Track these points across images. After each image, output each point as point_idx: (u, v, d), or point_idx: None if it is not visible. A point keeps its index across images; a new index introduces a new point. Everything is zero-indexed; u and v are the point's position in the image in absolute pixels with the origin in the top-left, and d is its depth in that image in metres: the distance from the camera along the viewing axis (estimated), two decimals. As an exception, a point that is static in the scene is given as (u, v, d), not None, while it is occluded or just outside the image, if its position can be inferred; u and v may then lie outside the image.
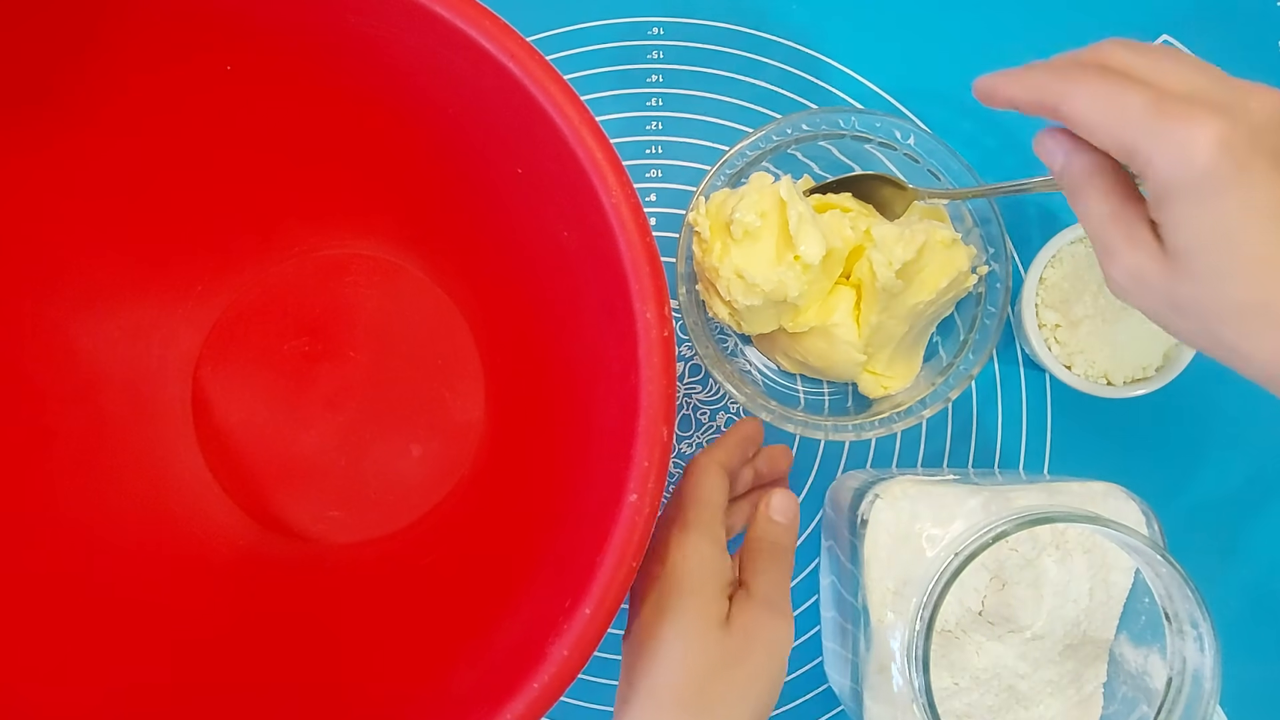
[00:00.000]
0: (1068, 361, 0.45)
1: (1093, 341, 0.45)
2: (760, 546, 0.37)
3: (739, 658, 0.34)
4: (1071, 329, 0.45)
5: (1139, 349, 0.45)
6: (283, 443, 0.46)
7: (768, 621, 0.35)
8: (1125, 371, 0.45)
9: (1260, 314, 0.28)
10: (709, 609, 0.34)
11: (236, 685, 0.38)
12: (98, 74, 0.36)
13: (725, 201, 0.42)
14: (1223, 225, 0.28)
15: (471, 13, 0.32)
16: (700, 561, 0.35)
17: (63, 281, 0.41)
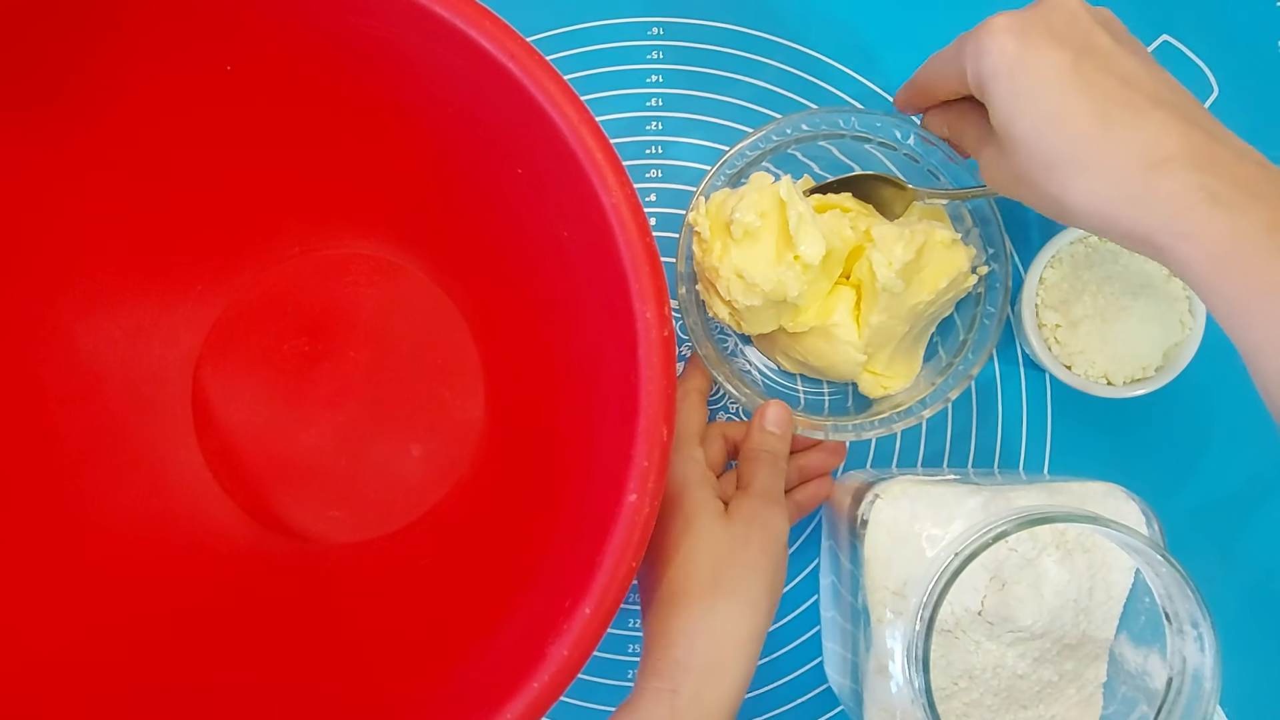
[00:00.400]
0: (1068, 361, 0.45)
1: (1092, 341, 0.45)
2: (756, 454, 0.41)
3: (744, 540, 0.38)
4: (1071, 329, 0.45)
5: (1139, 349, 0.45)
6: (283, 443, 0.46)
7: (763, 509, 0.39)
8: (1125, 371, 0.45)
9: (1067, 164, 0.33)
10: (704, 507, 0.38)
11: (236, 685, 0.38)
12: (98, 74, 0.36)
13: (725, 201, 0.42)
14: (1020, 99, 0.34)
15: (471, 13, 0.32)
16: (684, 479, 0.39)
17: (64, 282, 0.41)
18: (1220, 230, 0.30)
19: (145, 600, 0.41)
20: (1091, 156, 0.32)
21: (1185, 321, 0.45)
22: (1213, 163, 0.31)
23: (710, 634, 0.36)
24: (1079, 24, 0.34)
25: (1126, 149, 0.32)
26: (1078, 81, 0.33)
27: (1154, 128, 0.32)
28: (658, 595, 0.37)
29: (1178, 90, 0.34)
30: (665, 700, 0.35)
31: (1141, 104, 0.32)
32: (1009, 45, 0.34)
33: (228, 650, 0.40)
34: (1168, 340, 0.45)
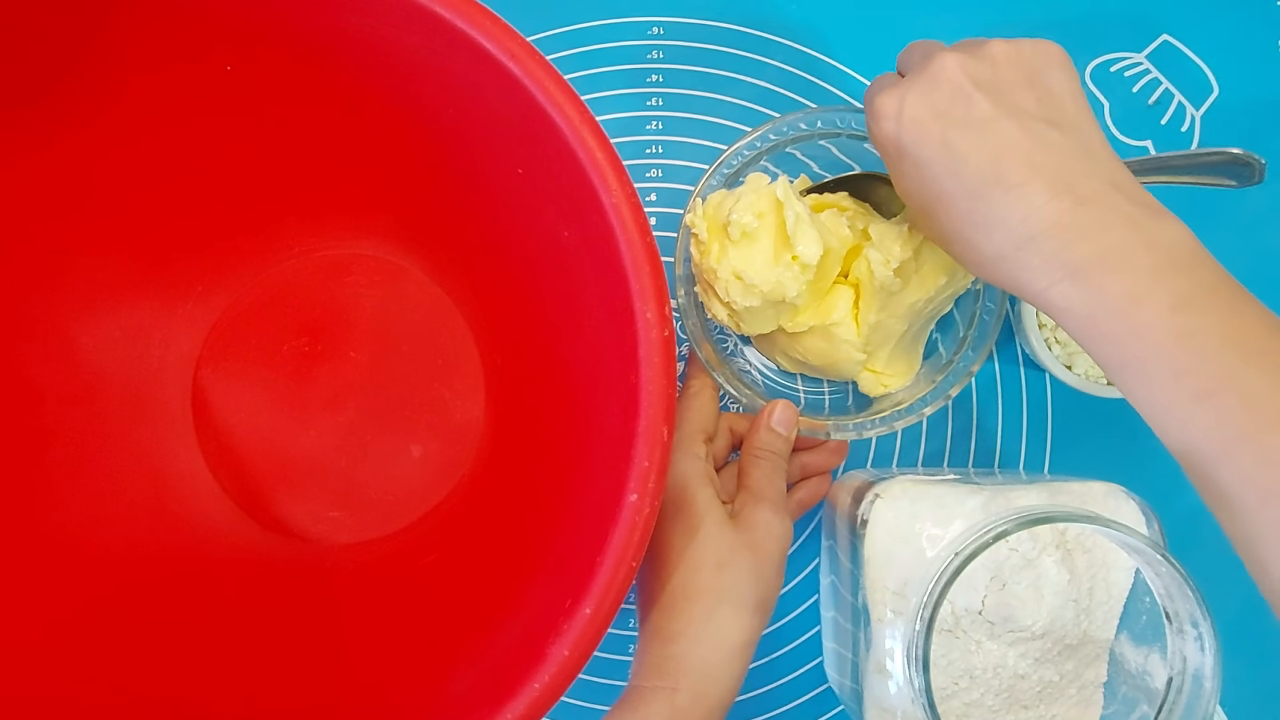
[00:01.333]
0: (1068, 362, 0.45)
1: None
2: (760, 454, 0.41)
3: (749, 546, 0.38)
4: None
5: None
6: (283, 443, 0.46)
7: (769, 516, 0.39)
8: None
9: (952, 240, 0.35)
10: (710, 510, 0.38)
11: (236, 685, 0.38)
12: (98, 74, 0.36)
13: (722, 203, 0.42)
14: (904, 179, 0.35)
15: (472, 13, 0.32)
16: (688, 476, 0.39)
17: (63, 281, 0.41)
18: (1083, 304, 0.31)
19: (145, 601, 0.41)
20: (969, 235, 0.33)
21: None
22: (1079, 233, 0.31)
23: (710, 638, 0.36)
24: (959, 94, 0.33)
25: (999, 229, 0.32)
26: (951, 163, 0.33)
27: (1022, 204, 0.32)
28: (658, 594, 0.37)
29: (1063, 136, 0.33)
30: (665, 698, 0.35)
31: (1012, 177, 0.32)
32: (888, 126, 0.34)
33: (227, 650, 0.40)
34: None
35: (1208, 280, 0.30)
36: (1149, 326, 0.30)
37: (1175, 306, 0.29)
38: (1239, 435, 0.28)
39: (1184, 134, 0.50)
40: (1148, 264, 0.30)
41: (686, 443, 0.41)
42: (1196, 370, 0.29)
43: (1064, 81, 0.34)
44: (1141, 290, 0.30)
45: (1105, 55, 0.50)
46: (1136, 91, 0.50)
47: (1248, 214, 0.49)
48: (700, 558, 0.37)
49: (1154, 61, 0.50)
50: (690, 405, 0.43)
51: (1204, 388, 0.29)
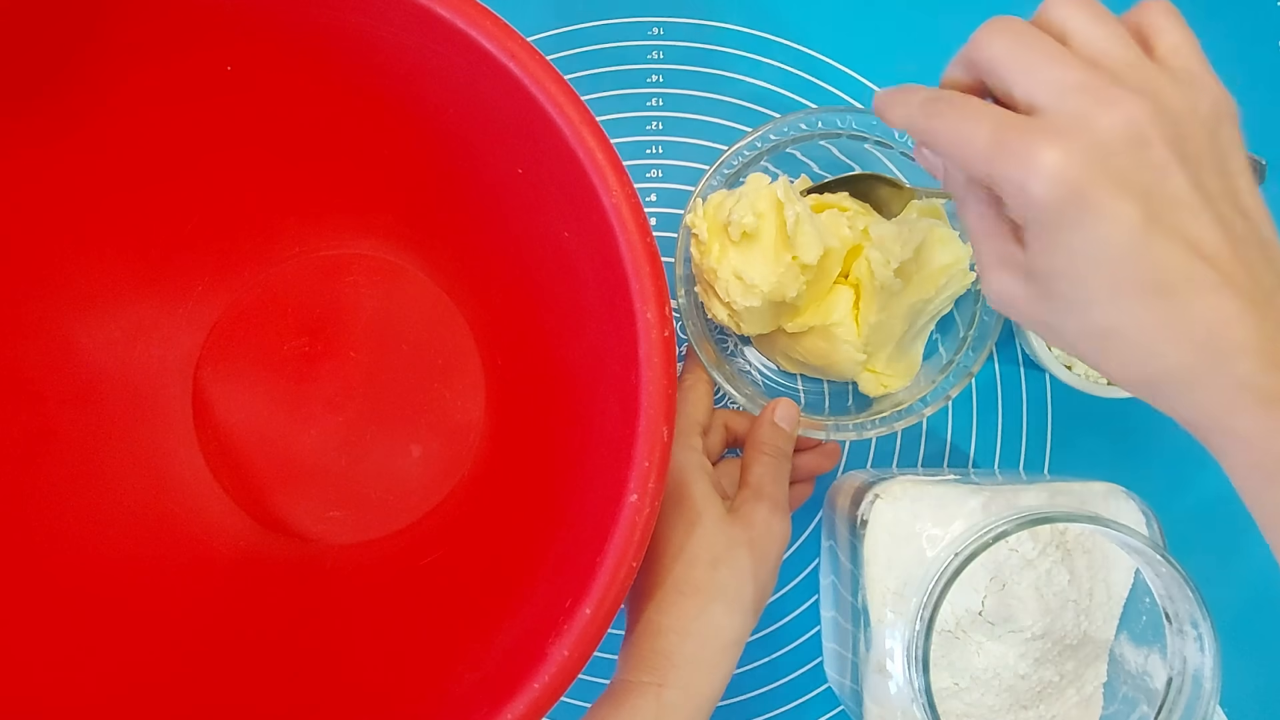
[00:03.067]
0: (1068, 362, 0.45)
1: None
2: (763, 449, 0.41)
3: (746, 544, 0.37)
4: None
5: None
6: (283, 443, 0.46)
7: (768, 514, 0.39)
8: None
9: (1113, 337, 0.28)
10: (709, 505, 0.38)
11: (237, 686, 0.38)
12: (99, 74, 0.36)
13: (723, 203, 0.42)
14: (1070, 258, 0.28)
15: (472, 13, 0.32)
16: (686, 467, 0.39)
17: (63, 282, 0.41)
18: (1272, 438, 0.26)
19: (145, 601, 0.41)
20: (1138, 332, 0.28)
21: None
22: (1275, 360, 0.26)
23: (700, 634, 0.36)
24: (1151, 159, 0.27)
25: (1183, 332, 0.27)
26: (1140, 249, 0.27)
27: (1217, 311, 0.27)
28: (650, 587, 0.37)
29: (1246, 224, 0.28)
30: (652, 694, 0.35)
31: (1207, 281, 0.27)
32: (1060, 190, 0.27)
33: (227, 651, 0.40)
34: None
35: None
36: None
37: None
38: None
39: (1184, 134, 0.50)
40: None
41: (683, 435, 0.41)
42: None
43: (1238, 147, 0.29)
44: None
45: (1105, 55, 0.50)
46: (1136, 91, 0.50)
47: (1248, 214, 0.49)
48: (696, 552, 0.37)
49: (1154, 61, 0.50)
50: (685, 398, 0.43)
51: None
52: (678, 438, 0.40)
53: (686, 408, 0.42)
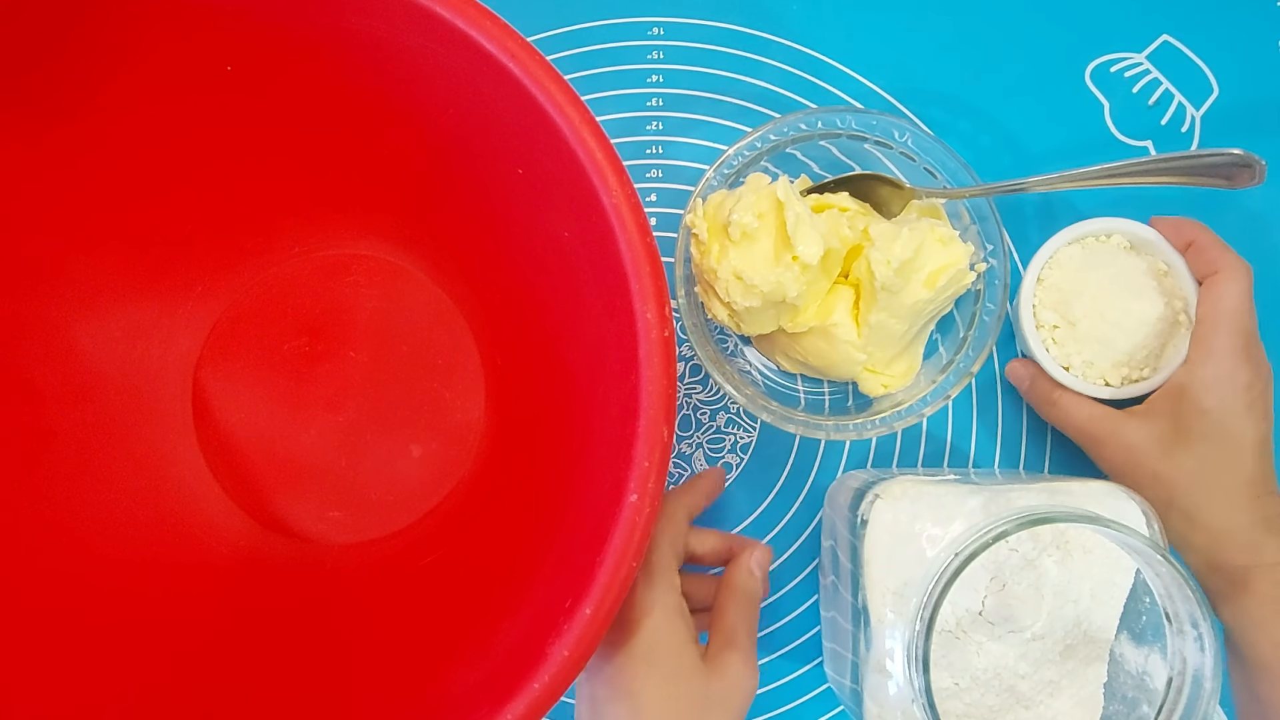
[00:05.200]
0: (1065, 363, 0.45)
1: (1091, 342, 0.45)
2: (738, 596, 0.40)
3: (717, 699, 0.36)
4: (1069, 330, 0.45)
5: (1137, 350, 0.44)
6: (283, 443, 0.46)
7: (741, 667, 0.37)
8: (1123, 372, 0.45)
9: (1214, 497, 0.41)
10: (683, 655, 0.36)
11: (236, 686, 0.38)
12: (99, 75, 0.36)
13: (723, 203, 0.41)
14: (1224, 431, 0.41)
15: (472, 13, 0.32)
16: (665, 610, 0.37)
17: (63, 282, 0.41)
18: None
19: (145, 600, 0.41)
20: (1229, 503, 0.41)
21: (1183, 321, 0.44)
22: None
23: None
24: (1262, 391, 0.42)
25: (1250, 528, 0.40)
26: (1258, 457, 0.41)
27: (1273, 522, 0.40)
28: None
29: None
30: None
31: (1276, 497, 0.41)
32: (1244, 391, 0.41)
33: (228, 651, 0.40)
34: (1166, 340, 0.44)
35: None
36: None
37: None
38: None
39: (1184, 134, 0.50)
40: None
41: (661, 571, 0.38)
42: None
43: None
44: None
45: (1105, 55, 0.50)
46: (1136, 92, 0.50)
47: (1248, 214, 0.49)
48: (668, 707, 0.35)
49: (1154, 61, 0.50)
50: (665, 527, 0.40)
51: None
52: (656, 574, 0.37)
53: (662, 538, 0.39)
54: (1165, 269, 0.45)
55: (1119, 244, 0.45)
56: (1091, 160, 0.43)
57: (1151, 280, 0.45)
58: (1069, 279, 0.45)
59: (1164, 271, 0.45)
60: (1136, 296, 0.44)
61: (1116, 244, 0.45)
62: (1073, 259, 0.45)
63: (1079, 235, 0.45)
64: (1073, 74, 0.50)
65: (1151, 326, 0.44)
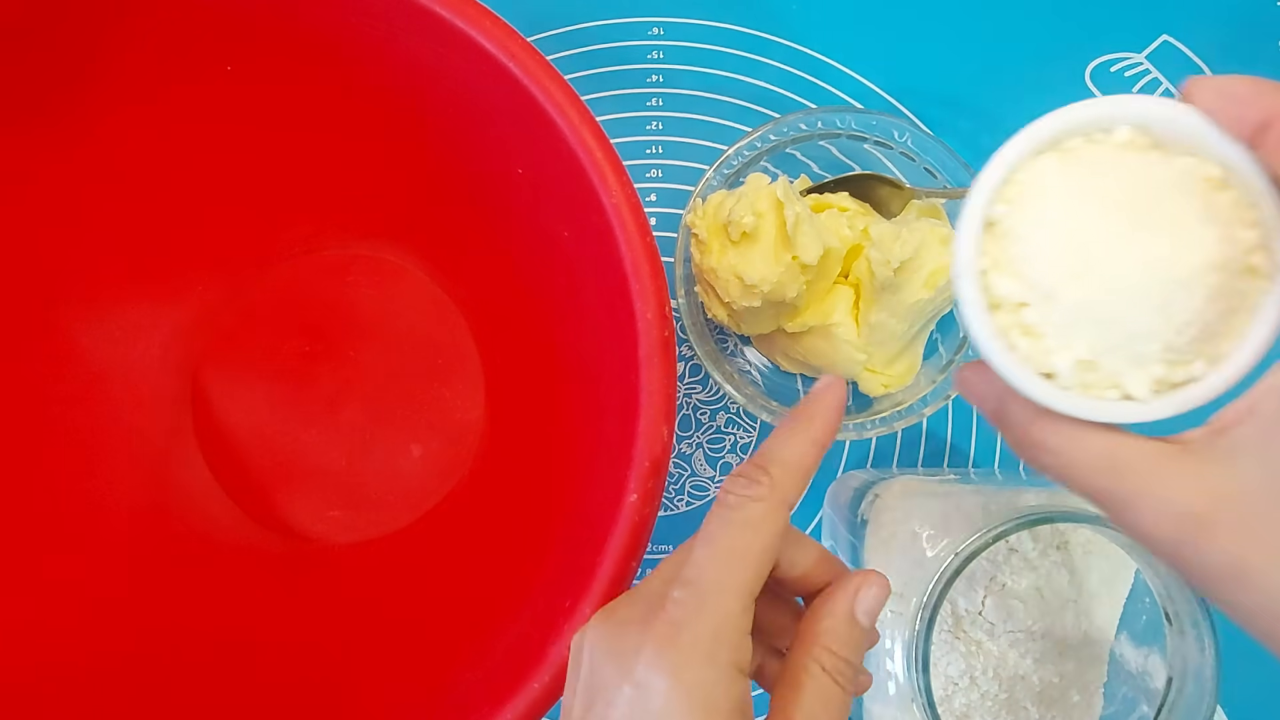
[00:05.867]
0: (1046, 366, 0.25)
1: (1086, 324, 0.25)
2: (826, 658, 0.24)
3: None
4: (1046, 306, 0.25)
5: (1176, 328, 0.24)
6: (283, 443, 0.46)
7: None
8: (1154, 371, 0.25)
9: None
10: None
11: (236, 685, 0.38)
12: (98, 74, 0.36)
13: (722, 203, 0.42)
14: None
15: (472, 13, 0.32)
16: (714, 705, 0.22)
17: (64, 282, 0.41)
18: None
19: (144, 600, 0.41)
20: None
21: (1263, 267, 0.24)
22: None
23: None
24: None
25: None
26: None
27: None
28: None
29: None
30: None
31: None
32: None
33: (227, 650, 0.40)
34: (1233, 307, 0.24)
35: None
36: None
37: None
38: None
39: (1184, 134, 0.50)
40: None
41: (722, 641, 0.23)
42: None
43: None
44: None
45: (1105, 55, 0.50)
46: (1136, 92, 0.50)
47: (1248, 214, 0.49)
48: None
49: (1154, 61, 0.50)
50: (736, 545, 0.24)
51: None
52: (717, 641, 0.23)
53: (735, 566, 0.24)
54: (1220, 177, 0.24)
55: (1129, 141, 0.25)
56: (1091, 160, 0.43)
57: (1194, 200, 0.24)
58: (1041, 216, 0.25)
59: (1218, 182, 0.24)
60: (1166, 232, 0.24)
61: (1125, 142, 0.25)
62: (1046, 179, 0.25)
63: (1056, 133, 0.25)
64: (1073, 74, 0.50)
65: (1199, 283, 0.24)
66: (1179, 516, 0.22)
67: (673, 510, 0.49)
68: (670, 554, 0.26)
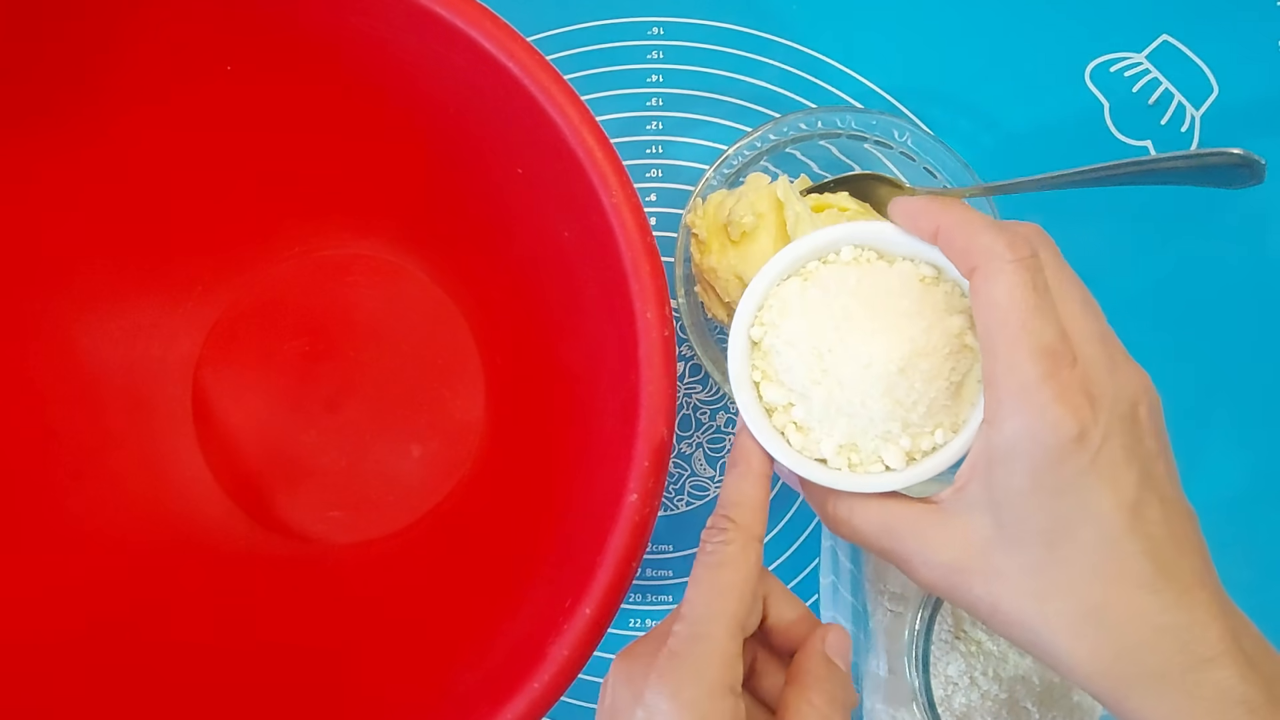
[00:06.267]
0: (816, 454, 0.31)
1: (837, 416, 0.30)
2: (813, 696, 0.28)
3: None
4: (805, 404, 0.31)
5: (909, 405, 0.30)
6: (283, 443, 0.46)
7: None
8: (902, 444, 0.30)
9: (1087, 619, 0.26)
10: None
11: (236, 685, 0.38)
12: (98, 73, 0.36)
13: (723, 203, 0.42)
14: (1061, 523, 0.25)
15: (472, 13, 0.32)
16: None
17: (65, 282, 0.41)
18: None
19: (145, 601, 0.41)
20: (1121, 623, 0.25)
21: (971, 344, 0.30)
22: (1249, 664, 0.25)
23: None
24: (1153, 451, 0.26)
25: (1169, 636, 0.25)
26: (1135, 532, 0.25)
27: (1198, 611, 0.25)
28: None
29: (1195, 523, 0.27)
30: None
31: (1186, 576, 0.25)
32: (1083, 453, 0.25)
33: (227, 650, 0.40)
34: (961, 378, 0.30)
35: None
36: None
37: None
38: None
39: (1184, 134, 0.50)
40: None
41: (714, 659, 0.26)
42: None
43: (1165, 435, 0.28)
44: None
45: (1105, 55, 0.50)
46: (1136, 91, 0.50)
47: (1248, 214, 0.49)
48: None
49: (1154, 61, 0.50)
50: (718, 581, 0.27)
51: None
52: (702, 673, 0.26)
53: (720, 601, 0.27)
54: (934, 274, 0.30)
55: (856, 257, 0.31)
56: (1091, 160, 0.43)
57: (910, 298, 0.30)
58: (789, 333, 0.30)
59: (933, 278, 0.30)
60: (881, 331, 0.29)
61: (855, 258, 0.31)
62: (791, 300, 0.31)
63: (792, 263, 0.31)
64: (1073, 74, 0.50)
65: (913, 369, 0.29)
66: (942, 568, 0.27)
67: (673, 510, 0.49)
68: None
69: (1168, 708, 0.25)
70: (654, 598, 0.49)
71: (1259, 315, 0.48)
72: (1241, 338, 0.49)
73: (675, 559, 0.49)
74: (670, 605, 0.48)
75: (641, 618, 0.48)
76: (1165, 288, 0.49)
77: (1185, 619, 0.25)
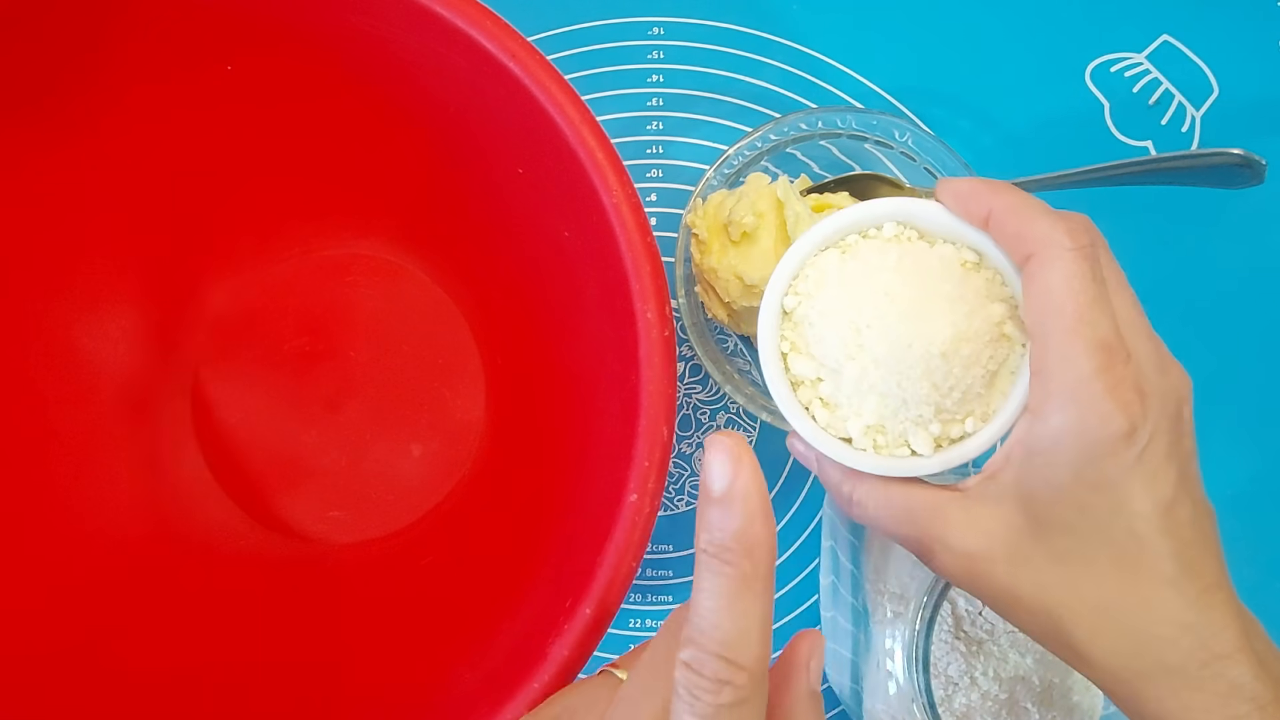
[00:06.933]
0: (843, 432, 0.31)
1: (869, 395, 0.30)
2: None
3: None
4: (835, 381, 0.31)
5: (944, 391, 0.29)
6: (283, 443, 0.46)
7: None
8: (932, 430, 0.30)
9: (1104, 613, 0.26)
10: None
11: (236, 685, 0.38)
12: (98, 73, 0.36)
13: (723, 203, 0.42)
14: (1101, 509, 0.25)
15: (473, 13, 0.32)
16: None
17: (64, 282, 0.41)
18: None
19: (145, 601, 0.41)
20: (1144, 618, 0.25)
21: (1011, 333, 0.30)
22: (1260, 663, 0.25)
23: None
24: (1189, 452, 0.26)
25: (1190, 634, 0.25)
26: (1166, 533, 0.25)
27: (1218, 611, 0.25)
28: None
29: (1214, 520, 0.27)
30: None
31: (1208, 576, 0.26)
32: (1131, 450, 0.25)
33: (227, 650, 0.40)
34: (996, 365, 0.30)
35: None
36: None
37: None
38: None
39: (1184, 134, 0.50)
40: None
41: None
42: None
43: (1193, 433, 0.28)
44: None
45: (1105, 55, 0.50)
46: (1137, 91, 0.50)
47: (1248, 214, 0.49)
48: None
49: (1154, 61, 0.50)
50: (729, 611, 0.20)
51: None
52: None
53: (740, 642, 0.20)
54: (975, 260, 0.30)
55: (897, 235, 0.31)
56: (1091, 160, 0.43)
57: (951, 282, 0.29)
58: (825, 305, 0.30)
59: (974, 264, 0.30)
60: (923, 313, 0.29)
61: (895, 235, 0.31)
62: (829, 271, 0.31)
63: (836, 232, 0.31)
64: (1073, 74, 0.50)
65: (954, 354, 0.29)
66: (963, 556, 0.27)
67: (673, 510, 0.49)
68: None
69: (1179, 701, 0.25)
70: (654, 598, 0.49)
71: (1259, 315, 0.48)
72: (1242, 338, 0.49)
73: (675, 559, 0.49)
74: (670, 605, 0.48)
75: (641, 618, 0.48)
76: (1165, 288, 0.49)
77: (1205, 618, 0.25)
